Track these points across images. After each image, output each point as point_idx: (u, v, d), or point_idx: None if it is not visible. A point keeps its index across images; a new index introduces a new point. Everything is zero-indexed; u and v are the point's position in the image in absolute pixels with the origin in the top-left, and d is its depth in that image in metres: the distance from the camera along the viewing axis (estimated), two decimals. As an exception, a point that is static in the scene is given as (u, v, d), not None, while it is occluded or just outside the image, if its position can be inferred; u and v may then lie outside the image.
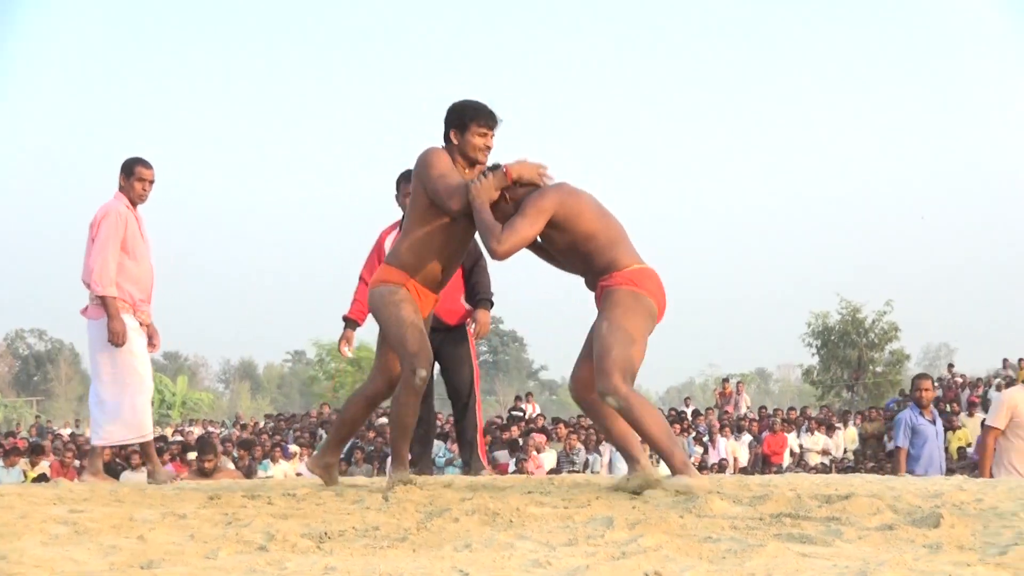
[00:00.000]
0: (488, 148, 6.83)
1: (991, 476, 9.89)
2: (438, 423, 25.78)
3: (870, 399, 46.12)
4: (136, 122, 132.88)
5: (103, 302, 8.75)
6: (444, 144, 6.86)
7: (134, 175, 8.99)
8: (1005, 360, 35.70)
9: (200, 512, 5.52)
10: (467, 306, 8.94)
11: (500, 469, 19.91)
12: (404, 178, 8.66)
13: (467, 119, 6.78)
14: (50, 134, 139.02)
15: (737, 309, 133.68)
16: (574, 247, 6.62)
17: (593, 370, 6.51)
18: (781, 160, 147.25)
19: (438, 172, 6.63)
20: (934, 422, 11.33)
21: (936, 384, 35.72)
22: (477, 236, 6.80)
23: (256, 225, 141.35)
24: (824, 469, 23.81)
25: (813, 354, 51.67)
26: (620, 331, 6.39)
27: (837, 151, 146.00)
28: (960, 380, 34.31)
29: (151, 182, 9.05)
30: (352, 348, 9.11)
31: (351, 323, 9.06)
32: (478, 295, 8.79)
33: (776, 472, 20.85)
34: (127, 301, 8.87)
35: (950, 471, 20.83)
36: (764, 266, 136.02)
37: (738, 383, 36.09)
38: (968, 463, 22.30)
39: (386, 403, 7.51)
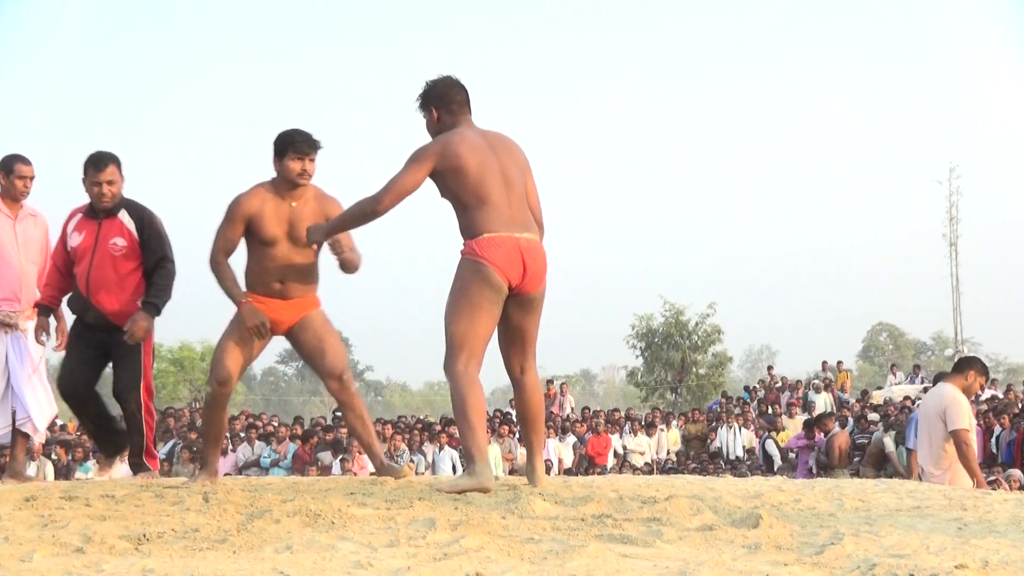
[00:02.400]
0: (304, 172, 7.45)
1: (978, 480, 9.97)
2: (259, 424, 25.56)
3: (693, 400, 46.77)
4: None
5: None
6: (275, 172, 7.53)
7: (13, 173, 8.85)
8: (824, 363, 36.48)
9: (15, 514, 5.40)
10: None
11: (322, 471, 19.81)
12: (91, 163, 8.44)
13: (284, 147, 7.43)
14: None
15: (561, 311, 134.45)
16: (450, 203, 6.81)
17: (511, 351, 7.03)
18: (607, 163, 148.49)
19: (225, 221, 7.44)
20: None
21: (757, 386, 36.34)
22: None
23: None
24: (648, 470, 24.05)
25: (637, 356, 52.25)
26: (454, 309, 6.64)
27: (660, 155, 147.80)
28: (780, 382, 34.89)
29: (31, 178, 8.92)
30: (50, 336, 8.85)
31: (44, 310, 8.76)
32: (147, 296, 8.43)
33: (600, 473, 21.03)
34: None
35: (772, 472, 21.25)
36: (588, 268, 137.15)
37: (562, 384, 36.23)
38: (789, 464, 22.70)
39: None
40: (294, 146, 7.40)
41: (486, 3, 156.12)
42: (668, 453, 26.81)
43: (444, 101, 6.95)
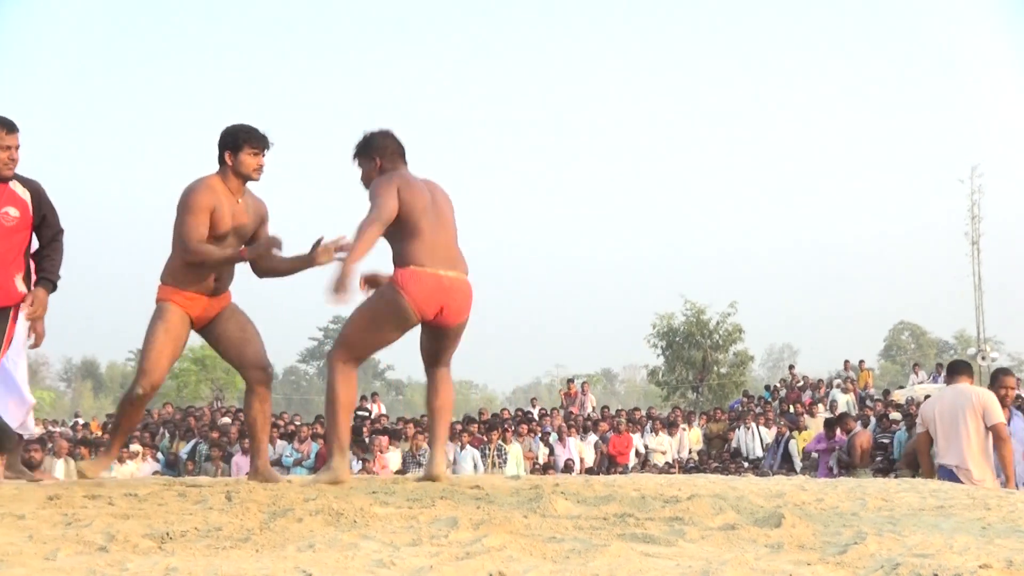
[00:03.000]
0: (260, 167, 7.50)
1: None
2: (281, 423, 25.59)
3: (715, 400, 46.72)
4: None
5: None
6: (220, 166, 7.50)
7: None
8: (846, 362, 36.39)
9: (39, 512, 5.41)
10: (22, 289, 7.92)
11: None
12: (1, 125, 7.95)
13: (240, 142, 7.40)
14: None
15: (583, 310, 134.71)
16: (387, 232, 7.24)
17: (427, 358, 7.69)
18: (627, 162, 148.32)
19: (190, 213, 7.29)
20: (1009, 421, 10.84)
21: (778, 385, 36.25)
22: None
23: (96, 221, 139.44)
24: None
25: (658, 355, 52.21)
26: (360, 316, 7.29)
27: (681, 153, 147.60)
28: (802, 381, 34.82)
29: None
30: None
31: None
32: (42, 273, 7.96)
33: (621, 473, 20.99)
34: None
35: (794, 472, 21.19)
36: (610, 267, 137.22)
37: (583, 383, 36.24)
38: (812, 463, 22.64)
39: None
40: (251, 142, 7.40)
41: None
42: (690, 452, 26.76)
43: (387, 152, 7.52)
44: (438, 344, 7.61)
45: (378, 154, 7.48)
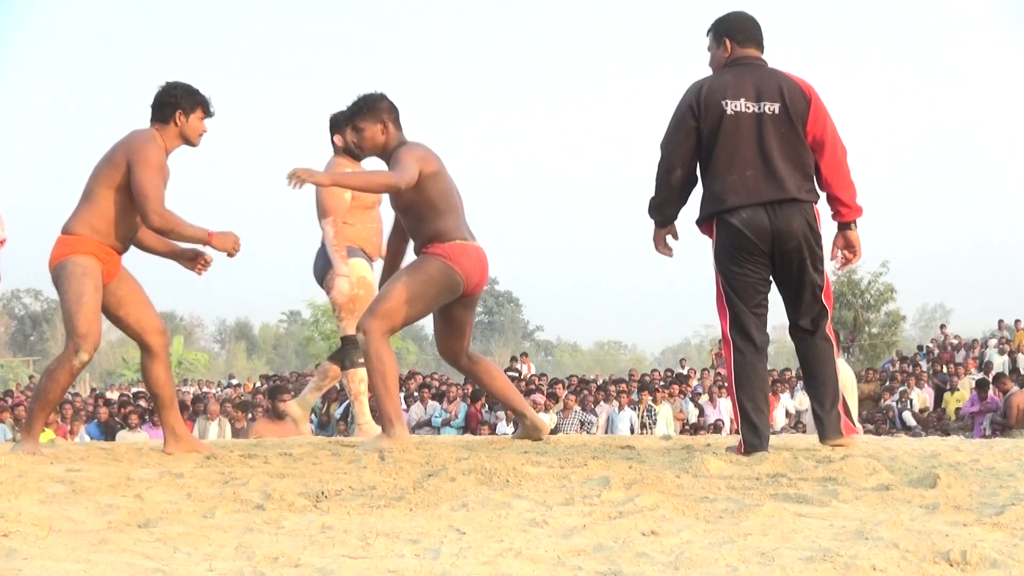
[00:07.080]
0: (203, 134, 7.01)
1: None
2: (435, 383, 25.76)
3: (866, 360, 46.11)
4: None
5: None
6: (160, 123, 6.90)
7: None
8: (1000, 321, 35.71)
9: (197, 471, 5.53)
10: None
11: (493, 431, 19.83)
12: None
13: (195, 105, 6.91)
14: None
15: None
16: (414, 207, 7.14)
17: (455, 343, 7.54)
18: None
19: (154, 170, 6.67)
20: None
21: (931, 345, 35.73)
22: None
23: (252, 183, 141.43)
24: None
25: (809, 315, 51.60)
26: (404, 287, 7.00)
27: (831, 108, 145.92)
28: (955, 341, 34.29)
29: None
30: None
31: None
32: None
33: (771, 433, 20.86)
34: None
35: (947, 432, 20.92)
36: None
37: (730, 344, 35.87)
38: (965, 424, 22.31)
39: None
40: (206, 106, 6.96)
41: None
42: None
43: (396, 116, 7.24)
44: (469, 315, 7.54)
45: (388, 117, 7.18)
